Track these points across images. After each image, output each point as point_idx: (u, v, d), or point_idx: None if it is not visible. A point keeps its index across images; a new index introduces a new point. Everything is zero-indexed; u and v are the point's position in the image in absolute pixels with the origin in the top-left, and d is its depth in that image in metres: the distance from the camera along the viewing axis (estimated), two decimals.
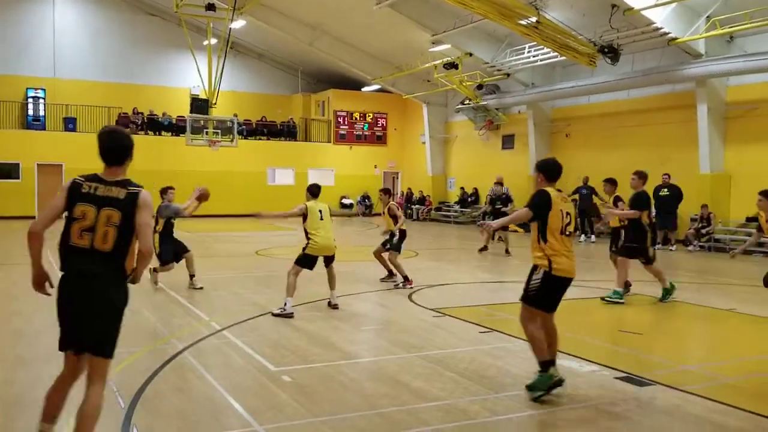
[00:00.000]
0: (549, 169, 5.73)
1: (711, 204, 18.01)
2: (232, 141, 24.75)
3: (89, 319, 3.82)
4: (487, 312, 9.11)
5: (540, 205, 5.49)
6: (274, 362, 6.39)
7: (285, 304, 8.54)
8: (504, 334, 7.73)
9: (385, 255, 11.31)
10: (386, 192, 11.54)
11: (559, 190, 5.65)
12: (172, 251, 10.16)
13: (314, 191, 9.10)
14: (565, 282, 5.56)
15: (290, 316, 8.44)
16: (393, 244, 11.03)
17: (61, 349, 3.95)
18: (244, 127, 30.25)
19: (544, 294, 5.52)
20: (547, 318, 5.65)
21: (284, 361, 6.47)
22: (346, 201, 32.11)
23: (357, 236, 21.58)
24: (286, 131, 32.22)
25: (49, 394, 3.99)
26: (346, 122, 32.68)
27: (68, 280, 3.86)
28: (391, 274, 11.43)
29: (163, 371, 6.06)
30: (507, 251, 16.13)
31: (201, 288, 10.20)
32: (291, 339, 7.40)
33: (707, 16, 16.78)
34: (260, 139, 31.38)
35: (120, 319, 3.94)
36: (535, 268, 5.53)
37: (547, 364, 5.47)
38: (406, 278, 10.89)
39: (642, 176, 10.07)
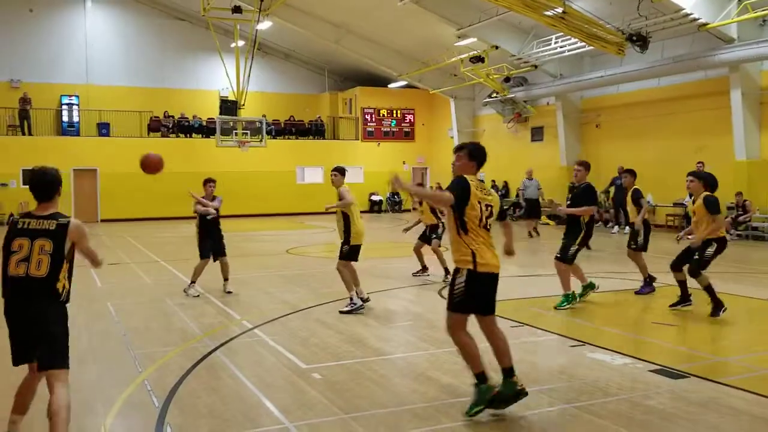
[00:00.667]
0: (479, 154, 5.17)
1: (747, 192, 17.61)
2: (261, 141, 24.96)
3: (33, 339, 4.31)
4: (518, 306, 9.04)
5: (461, 193, 4.90)
6: (305, 360, 6.44)
7: (351, 300, 8.55)
8: (535, 328, 7.68)
9: (426, 248, 11.39)
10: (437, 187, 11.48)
11: (481, 180, 5.16)
12: (209, 249, 10.11)
13: (344, 173, 8.83)
14: (492, 278, 5.03)
15: (361, 308, 8.50)
16: (439, 234, 11.22)
17: (15, 364, 4.40)
18: (272, 127, 30.48)
19: (472, 296, 4.96)
20: (487, 322, 5.12)
21: (315, 359, 6.52)
22: (375, 198, 32.16)
23: (387, 232, 21.60)
24: (314, 130, 32.39)
25: (19, 391, 4.53)
26: (373, 119, 32.72)
27: (9, 305, 4.31)
28: (425, 269, 11.44)
29: (195, 370, 6.15)
30: (532, 233, 16.53)
31: (230, 292, 10.18)
32: (321, 336, 7.45)
33: (738, 0, 16.37)
34: (289, 138, 31.62)
35: (61, 333, 4.35)
36: (457, 271, 4.99)
37: (482, 377, 4.99)
38: (447, 270, 10.77)
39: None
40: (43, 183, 4.44)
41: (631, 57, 19.42)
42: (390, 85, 32.11)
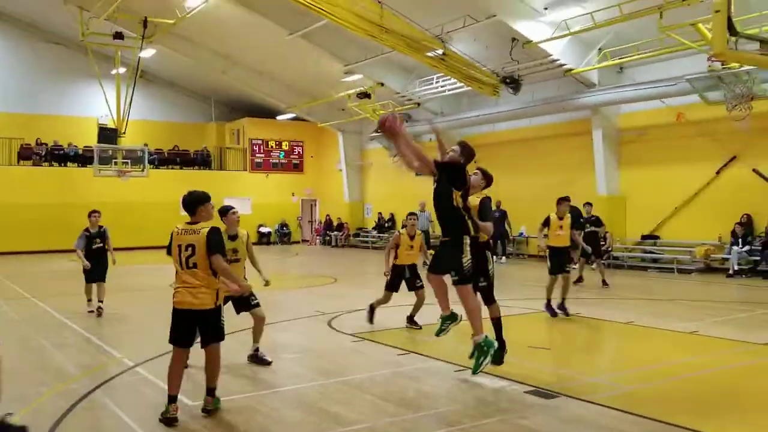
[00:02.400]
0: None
1: (608, 224, 19.07)
2: (142, 171, 24.22)
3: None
4: (406, 334, 9.34)
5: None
6: (191, 396, 6.33)
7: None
8: (421, 356, 7.97)
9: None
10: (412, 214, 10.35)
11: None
12: (92, 272, 11.05)
13: None
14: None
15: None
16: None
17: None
18: (155, 156, 29.65)
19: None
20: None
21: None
22: (263, 229, 31.87)
23: (276, 264, 21.50)
24: (200, 160, 31.78)
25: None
26: (261, 150, 32.58)
27: None
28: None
29: (74, 411, 5.92)
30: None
31: (100, 312, 10.78)
32: None
33: (599, 49, 17.95)
34: (173, 168, 30.79)
35: None
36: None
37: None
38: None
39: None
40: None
41: (506, 98, 20.69)
42: (278, 117, 32.15)
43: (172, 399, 5.62)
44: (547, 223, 10.77)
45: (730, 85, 15.34)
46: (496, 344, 6.72)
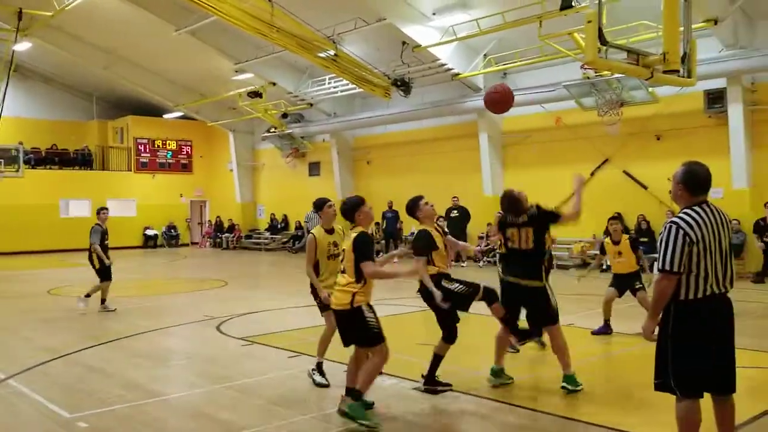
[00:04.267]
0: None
1: (495, 223, 19.91)
2: (17, 171, 22.77)
3: None
4: (297, 336, 9.35)
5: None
6: (70, 408, 6.08)
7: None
8: (312, 357, 7.98)
9: None
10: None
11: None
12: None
13: None
14: None
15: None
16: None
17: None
18: (31, 156, 27.89)
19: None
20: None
21: (81, 407, 6.18)
22: (149, 232, 30.70)
23: (163, 268, 20.83)
24: (80, 160, 30.18)
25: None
26: (147, 150, 31.36)
27: None
28: None
29: None
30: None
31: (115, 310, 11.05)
32: (88, 382, 7.07)
33: (484, 54, 18.66)
34: (51, 168, 29.07)
35: None
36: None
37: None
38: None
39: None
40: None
41: (397, 100, 21.09)
42: (166, 116, 31.08)
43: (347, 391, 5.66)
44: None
45: (602, 91, 16.43)
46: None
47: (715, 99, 15.83)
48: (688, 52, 9.67)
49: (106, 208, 11.96)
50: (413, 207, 6.53)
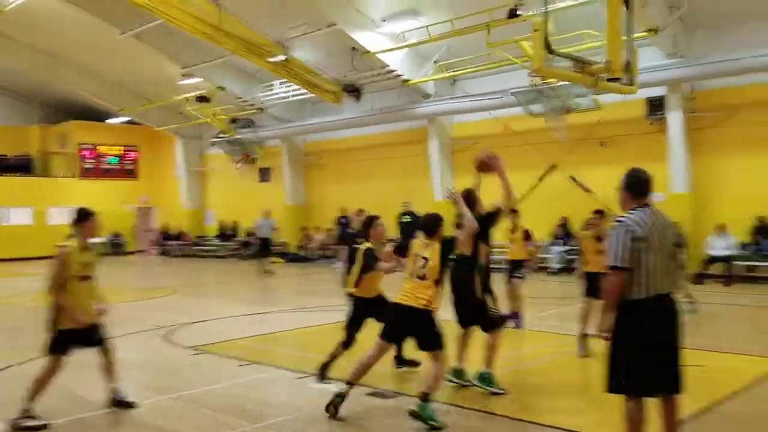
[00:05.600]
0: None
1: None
2: None
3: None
4: (247, 345, 9.24)
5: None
6: (6, 422, 5.86)
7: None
8: (261, 365, 7.92)
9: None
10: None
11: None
12: None
13: None
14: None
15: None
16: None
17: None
18: None
19: None
20: None
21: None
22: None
23: (106, 277, 20.25)
24: (21, 166, 29.16)
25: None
26: (92, 155, 30.56)
27: None
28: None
29: None
30: (268, 270, 15.19)
31: None
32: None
33: (435, 61, 18.83)
34: None
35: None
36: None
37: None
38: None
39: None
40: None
41: (348, 106, 21.10)
42: (110, 120, 30.31)
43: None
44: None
45: (549, 98, 16.77)
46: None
47: (656, 106, 16.37)
48: (630, 60, 9.98)
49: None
50: (369, 225, 6.98)
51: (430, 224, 6.22)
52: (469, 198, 6.88)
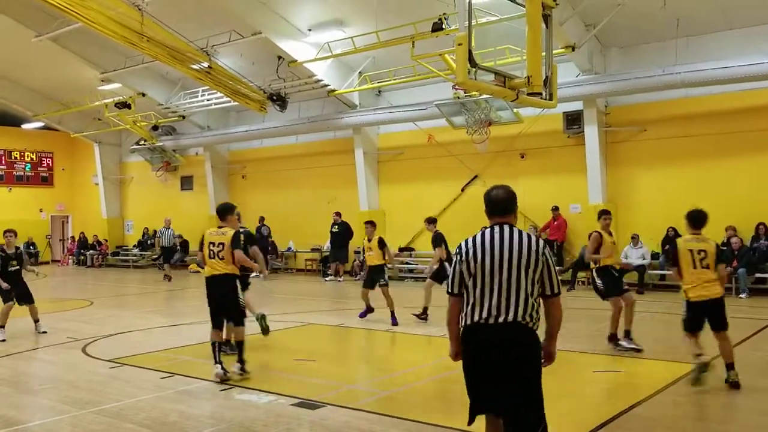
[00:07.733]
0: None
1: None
2: None
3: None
4: (168, 356, 9.02)
5: None
6: None
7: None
8: (185, 377, 7.76)
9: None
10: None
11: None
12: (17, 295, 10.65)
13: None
14: None
15: None
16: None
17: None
18: None
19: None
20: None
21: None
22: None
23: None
24: None
25: None
26: (4, 162, 29.13)
27: None
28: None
29: None
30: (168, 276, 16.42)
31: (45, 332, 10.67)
32: None
33: (360, 72, 19.00)
34: None
35: None
36: None
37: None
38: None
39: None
40: None
41: (273, 115, 20.95)
42: (24, 126, 28.96)
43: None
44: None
45: (471, 111, 17.21)
46: None
47: (573, 120, 17.04)
48: (549, 76, 10.38)
49: (12, 231, 10.92)
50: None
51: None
52: None
